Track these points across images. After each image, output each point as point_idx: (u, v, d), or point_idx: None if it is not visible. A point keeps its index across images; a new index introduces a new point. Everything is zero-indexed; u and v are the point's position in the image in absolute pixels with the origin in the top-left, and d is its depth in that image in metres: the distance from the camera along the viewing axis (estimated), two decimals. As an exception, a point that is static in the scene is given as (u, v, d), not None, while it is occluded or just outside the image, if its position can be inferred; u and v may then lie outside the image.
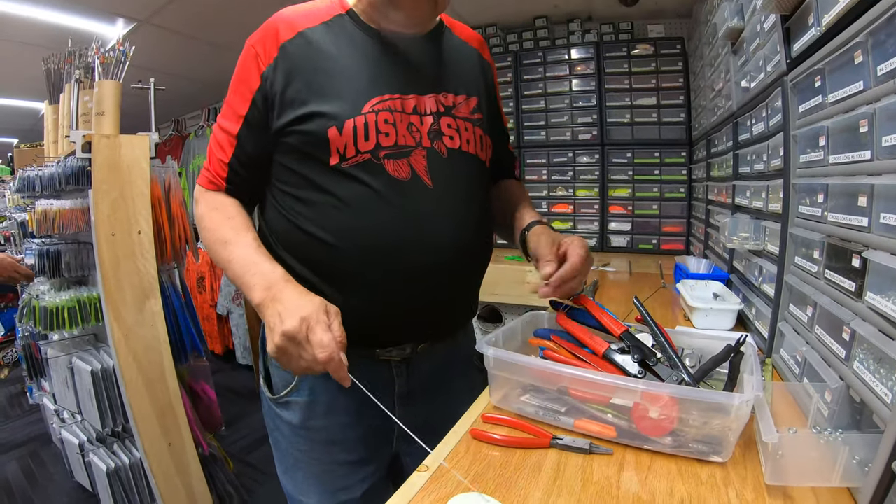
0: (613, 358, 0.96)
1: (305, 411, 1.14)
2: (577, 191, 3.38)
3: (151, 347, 2.15)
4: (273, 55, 1.02)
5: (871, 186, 0.78)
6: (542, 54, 3.42)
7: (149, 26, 3.60)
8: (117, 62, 2.20)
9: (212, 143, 1.12)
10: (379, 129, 1.01)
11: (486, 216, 1.20)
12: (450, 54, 1.17)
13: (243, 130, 1.06)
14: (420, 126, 1.06)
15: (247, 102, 1.04)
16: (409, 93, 1.06)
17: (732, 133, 1.86)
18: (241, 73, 1.07)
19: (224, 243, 1.03)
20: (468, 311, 1.26)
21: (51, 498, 2.88)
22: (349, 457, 1.15)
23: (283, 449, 1.19)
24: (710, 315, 1.54)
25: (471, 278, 1.20)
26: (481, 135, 1.15)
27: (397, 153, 1.02)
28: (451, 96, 1.12)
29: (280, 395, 1.15)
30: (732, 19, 1.66)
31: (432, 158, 1.06)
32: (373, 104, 1.02)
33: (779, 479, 0.77)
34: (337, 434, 1.14)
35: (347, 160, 1.00)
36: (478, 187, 1.16)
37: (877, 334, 0.75)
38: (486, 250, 1.21)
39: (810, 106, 1.07)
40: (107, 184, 2.02)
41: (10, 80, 4.74)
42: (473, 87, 1.18)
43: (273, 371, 1.19)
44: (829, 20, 0.94)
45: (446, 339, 1.22)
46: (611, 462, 0.86)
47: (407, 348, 1.14)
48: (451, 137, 1.09)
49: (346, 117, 1.00)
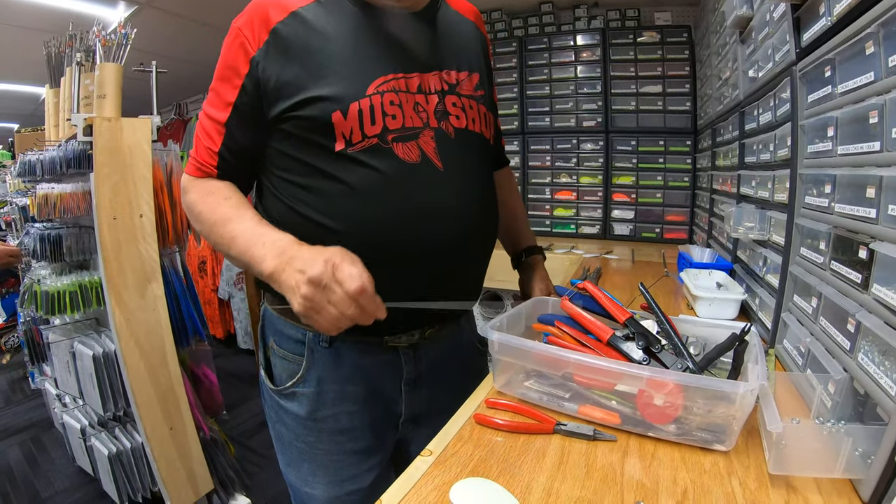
0: (618, 344, 0.96)
1: (313, 402, 1.11)
2: (580, 178, 3.37)
3: (153, 332, 2.16)
4: (263, 38, 0.97)
5: (879, 178, 0.77)
6: (547, 40, 3.39)
7: (150, 9, 3.59)
8: (119, 45, 2.19)
9: (198, 130, 1.07)
10: (385, 112, 0.98)
11: (493, 195, 1.20)
12: (449, 29, 1.14)
13: (233, 118, 1.02)
14: (426, 106, 1.03)
15: (235, 89, 1.00)
16: (412, 71, 1.03)
17: (739, 122, 1.84)
18: (227, 58, 1.01)
19: (224, 221, 0.99)
20: (476, 292, 1.23)
21: (52, 482, 2.90)
22: (357, 445, 1.13)
23: (286, 441, 1.17)
24: (714, 304, 1.54)
25: (481, 259, 1.19)
26: (485, 112, 1.15)
27: (406, 136, 1.00)
28: (454, 73, 1.10)
29: (285, 387, 1.13)
30: (741, 7, 1.64)
31: (440, 139, 1.04)
32: (377, 85, 0.98)
33: (782, 468, 0.77)
34: (345, 423, 1.12)
35: (354, 145, 0.97)
36: (485, 166, 1.16)
37: (882, 326, 0.75)
38: (494, 230, 1.22)
39: (819, 96, 1.06)
40: (108, 167, 2.02)
41: (11, 65, 4.73)
42: (475, 62, 1.16)
43: (276, 362, 1.17)
44: (841, 10, 0.93)
45: (452, 323, 1.22)
46: (615, 449, 0.86)
47: (416, 334, 1.12)
48: (458, 117, 1.08)
49: (351, 100, 0.96)
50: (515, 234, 1.47)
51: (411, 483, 0.78)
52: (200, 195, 1.05)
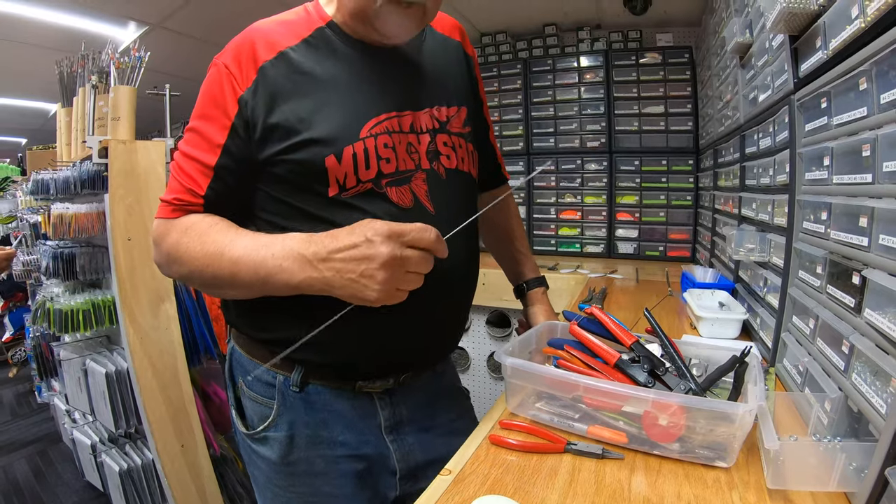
0: (625, 368, 1.00)
1: (285, 447, 1.05)
2: (585, 198, 3.41)
3: (166, 351, 2.19)
4: (251, 77, 0.92)
5: (871, 209, 0.81)
6: (551, 62, 3.45)
7: (161, 30, 3.64)
8: (133, 68, 2.24)
9: (176, 173, 0.97)
10: (380, 156, 0.95)
11: (476, 238, 1.18)
12: (436, 59, 1.11)
13: (224, 161, 0.94)
14: (418, 146, 1.01)
15: (225, 130, 0.94)
16: (404, 110, 1.00)
17: (740, 145, 1.88)
18: (213, 97, 0.95)
19: (220, 252, 0.89)
20: (458, 337, 1.20)
21: (60, 497, 2.92)
22: (333, 490, 1.06)
23: (261, 483, 1.12)
24: (716, 324, 1.57)
25: (465, 301, 1.16)
26: (472, 150, 1.13)
27: (399, 180, 0.97)
28: (444, 109, 1.08)
29: (257, 431, 1.07)
30: (742, 35, 1.68)
31: (432, 181, 1.02)
32: (370, 127, 0.95)
33: (780, 483, 0.81)
34: (320, 466, 1.06)
35: (348, 190, 0.93)
36: (472, 206, 1.13)
37: (873, 349, 0.79)
38: (477, 272, 1.19)
39: (816, 126, 1.10)
40: (123, 189, 2.06)
41: (21, 82, 4.79)
42: (462, 94, 1.14)
43: (247, 403, 1.11)
44: (836, 45, 0.96)
45: (428, 370, 1.16)
46: (622, 466, 0.89)
47: (390, 379, 1.08)
48: (448, 157, 1.06)
49: (345, 144, 0.92)
50: (515, 261, 1.45)
51: (433, 500, 0.82)
52: (178, 234, 0.94)
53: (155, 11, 3.40)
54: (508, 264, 1.46)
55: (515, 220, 1.47)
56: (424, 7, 0.93)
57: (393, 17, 0.92)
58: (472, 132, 1.15)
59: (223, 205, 0.98)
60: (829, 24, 1.00)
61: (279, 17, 1.00)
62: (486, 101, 1.32)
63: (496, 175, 1.42)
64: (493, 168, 1.39)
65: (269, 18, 0.99)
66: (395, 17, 0.92)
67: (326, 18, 1.00)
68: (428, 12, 0.95)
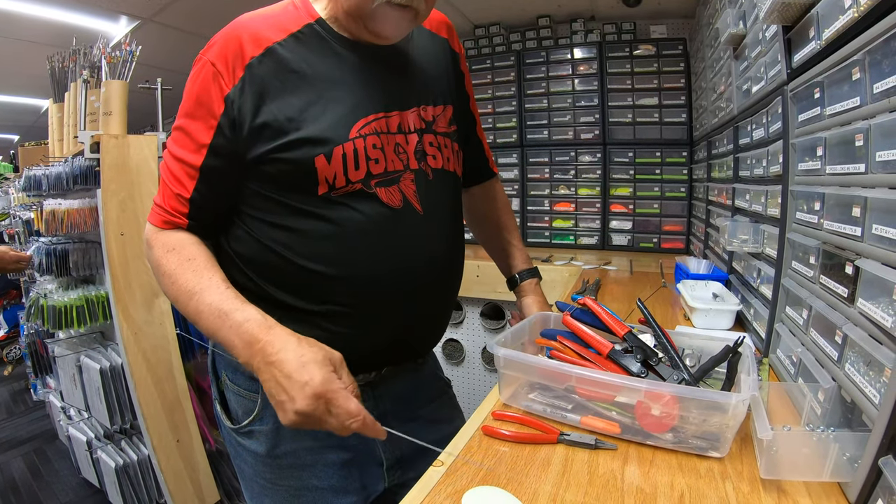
0: (617, 358, 1.00)
1: (271, 440, 1.06)
2: (578, 189, 3.40)
3: (160, 346, 2.19)
4: (238, 74, 0.91)
5: (864, 199, 0.81)
6: (544, 54, 3.43)
7: (152, 24, 3.61)
8: (124, 62, 2.23)
9: (165, 175, 0.99)
10: (368, 156, 0.95)
11: (462, 236, 1.19)
12: (422, 56, 1.11)
13: (209, 161, 0.94)
14: (406, 146, 1.02)
15: (211, 129, 0.93)
16: (392, 110, 1.01)
17: (733, 136, 1.88)
18: (198, 94, 0.94)
19: (189, 295, 0.91)
20: (440, 332, 1.21)
21: (57, 494, 2.92)
22: (320, 483, 1.07)
23: (248, 477, 1.13)
24: (710, 315, 1.58)
25: (451, 299, 1.18)
26: (457, 150, 1.15)
27: (387, 180, 0.98)
28: (430, 109, 1.08)
29: (242, 425, 1.09)
30: (735, 26, 1.68)
31: (420, 181, 1.03)
32: (359, 128, 0.96)
33: (773, 473, 0.81)
34: (306, 458, 1.07)
35: (337, 190, 0.94)
36: (457, 206, 1.16)
37: (867, 338, 0.79)
38: (461, 269, 1.21)
39: (809, 116, 1.10)
40: (115, 184, 2.06)
41: (12, 77, 4.75)
42: (448, 92, 1.15)
43: (231, 397, 1.13)
44: (829, 35, 0.96)
45: (409, 362, 1.18)
46: (615, 457, 0.90)
47: (371, 373, 1.09)
48: (434, 157, 1.07)
49: (335, 144, 0.93)
50: (506, 253, 1.44)
51: (426, 491, 0.82)
52: (163, 252, 0.97)
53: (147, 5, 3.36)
54: (500, 256, 1.46)
55: (505, 211, 1.46)
56: (417, 9, 0.93)
57: (387, 18, 0.92)
58: (458, 130, 1.16)
59: (210, 206, 0.99)
60: (823, 15, 1.00)
61: (265, 10, 0.99)
62: (473, 95, 1.31)
63: (484, 169, 1.41)
64: (480, 162, 1.39)
65: (255, 12, 0.98)
66: (389, 17, 0.92)
67: (315, 15, 0.99)
68: (420, 14, 0.95)
